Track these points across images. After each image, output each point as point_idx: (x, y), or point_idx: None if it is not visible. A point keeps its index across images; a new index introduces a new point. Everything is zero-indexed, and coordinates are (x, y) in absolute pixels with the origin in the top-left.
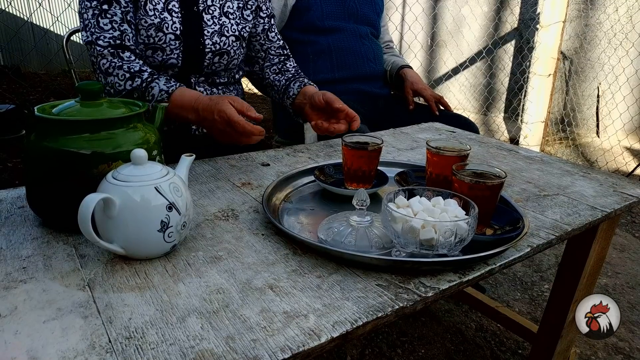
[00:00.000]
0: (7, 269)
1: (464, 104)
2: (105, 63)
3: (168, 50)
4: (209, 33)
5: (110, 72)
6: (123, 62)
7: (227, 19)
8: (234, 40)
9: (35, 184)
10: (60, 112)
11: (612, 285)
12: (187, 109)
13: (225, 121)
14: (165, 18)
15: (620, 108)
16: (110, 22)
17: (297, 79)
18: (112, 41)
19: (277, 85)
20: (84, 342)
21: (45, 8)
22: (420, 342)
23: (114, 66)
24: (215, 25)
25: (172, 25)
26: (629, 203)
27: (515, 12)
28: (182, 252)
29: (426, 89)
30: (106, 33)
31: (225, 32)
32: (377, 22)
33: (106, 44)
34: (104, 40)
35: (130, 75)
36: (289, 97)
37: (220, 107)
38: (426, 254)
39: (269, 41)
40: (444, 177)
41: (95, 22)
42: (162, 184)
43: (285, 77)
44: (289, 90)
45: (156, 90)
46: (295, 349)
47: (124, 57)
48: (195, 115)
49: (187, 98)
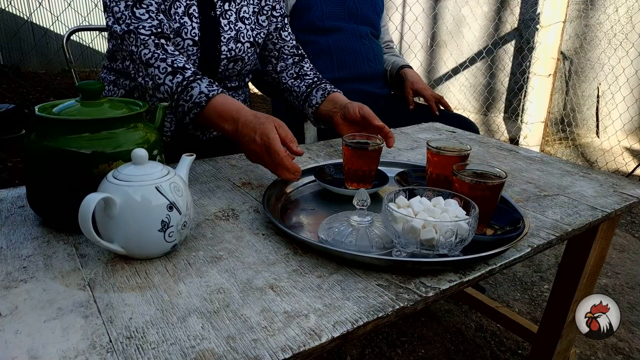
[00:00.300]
0: (7, 268)
1: (464, 104)
2: (147, 53)
3: (185, 55)
4: (225, 39)
5: (152, 63)
6: (167, 55)
7: (243, 25)
8: (249, 46)
9: (35, 184)
10: (61, 111)
11: (612, 286)
12: (226, 119)
13: (265, 146)
14: (185, 23)
15: (620, 108)
16: (147, 12)
17: (319, 85)
18: (154, 29)
19: (297, 91)
20: (85, 341)
21: (45, 7)
22: (420, 342)
23: (156, 57)
24: (231, 31)
25: (192, 30)
26: (629, 203)
27: (515, 12)
28: (183, 252)
29: (426, 88)
30: (145, 22)
31: (241, 38)
32: (377, 22)
33: (149, 32)
34: (146, 29)
35: (173, 70)
36: (310, 105)
37: (264, 130)
38: (427, 254)
39: (282, 40)
40: (444, 177)
41: (131, 13)
42: (162, 183)
43: (305, 83)
44: (311, 98)
45: (196, 91)
46: (296, 348)
47: (167, 49)
48: (232, 127)
49: (229, 107)
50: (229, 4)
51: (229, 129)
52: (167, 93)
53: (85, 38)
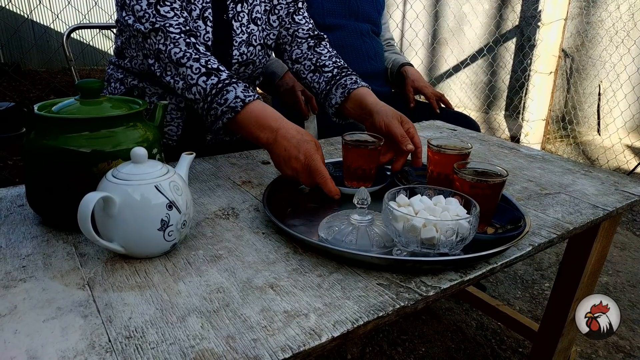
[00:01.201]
0: (6, 267)
1: (465, 101)
2: (178, 52)
3: None
4: (237, 43)
5: (184, 62)
6: (200, 54)
7: (256, 26)
8: (260, 49)
9: (34, 183)
10: (60, 110)
11: (613, 284)
12: (263, 127)
13: (307, 166)
14: (199, 27)
15: (621, 106)
16: (171, 9)
17: (338, 81)
18: (183, 27)
19: (317, 88)
20: (84, 341)
21: (45, 5)
22: (421, 341)
23: (188, 57)
24: (243, 34)
25: (205, 35)
26: (631, 202)
27: (516, 9)
28: (182, 251)
29: (427, 86)
30: (171, 20)
31: (252, 41)
32: (378, 20)
33: (178, 30)
34: (174, 27)
35: (207, 71)
36: (330, 105)
37: (309, 150)
38: (427, 253)
39: (295, 24)
40: (445, 176)
41: (155, 11)
42: (162, 182)
43: (324, 78)
44: (330, 97)
45: (231, 95)
46: (296, 348)
47: (200, 49)
48: (270, 136)
49: (267, 115)
50: (241, 5)
51: (264, 138)
52: (200, 94)
53: (85, 36)
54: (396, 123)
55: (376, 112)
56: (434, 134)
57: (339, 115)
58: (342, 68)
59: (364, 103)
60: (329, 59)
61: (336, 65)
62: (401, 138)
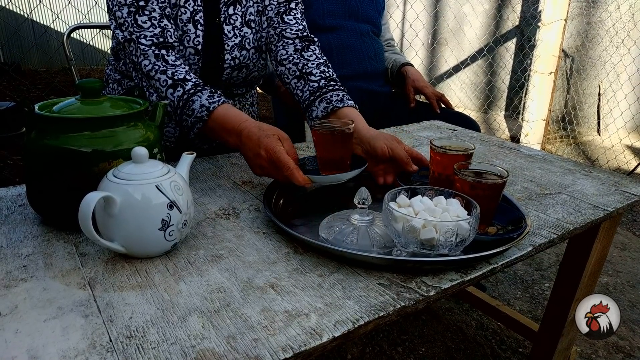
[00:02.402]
0: (7, 267)
1: (465, 102)
2: (148, 65)
3: (187, 64)
4: (229, 47)
5: (152, 75)
6: (167, 66)
7: (249, 29)
8: (254, 52)
9: (35, 182)
10: (61, 109)
11: (613, 284)
12: (229, 131)
13: (271, 160)
14: (188, 30)
15: (621, 106)
16: (149, 19)
17: (324, 95)
18: (155, 39)
19: (300, 95)
20: (85, 341)
21: (45, 5)
22: (421, 341)
23: (156, 70)
24: (236, 38)
25: (195, 38)
26: (631, 202)
27: (516, 9)
28: (183, 251)
29: (427, 86)
30: (146, 31)
31: (246, 44)
32: (378, 21)
33: (149, 43)
34: (147, 39)
35: (173, 82)
36: (310, 117)
37: (269, 143)
38: (427, 254)
39: (283, 23)
40: (447, 177)
41: (133, 21)
42: (163, 182)
43: (309, 88)
44: (312, 109)
45: (197, 104)
46: (297, 348)
47: (168, 60)
48: (236, 140)
49: (231, 119)
50: (234, 8)
51: (232, 142)
52: (172, 107)
53: (86, 36)
54: (398, 146)
55: (373, 138)
56: (434, 134)
57: None
58: (329, 80)
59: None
60: (316, 67)
61: (324, 76)
62: (406, 160)
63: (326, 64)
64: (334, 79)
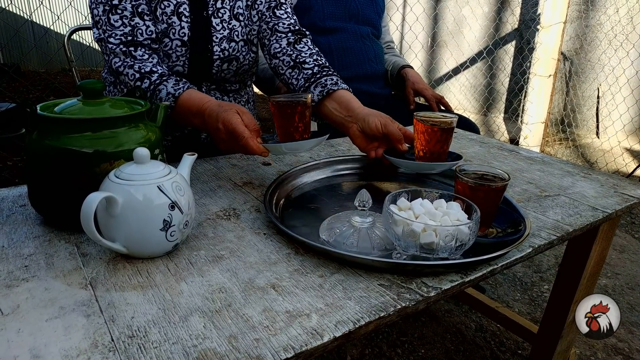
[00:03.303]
0: (9, 267)
1: (464, 104)
2: (117, 62)
3: (174, 57)
4: (217, 39)
5: (121, 71)
6: (135, 61)
7: (238, 22)
8: (243, 45)
9: (37, 183)
10: (63, 110)
11: (612, 286)
12: (194, 113)
13: (229, 132)
14: (173, 23)
15: (620, 109)
16: (120, 18)
17: (319, 80)
18: (124, 38)
19: (295, 84)
20: (87, 340)
21: (45, 6)
22: (420, 342)
23: (125, 65)
24: (224, 30)
25: (180, 30)
26: (630, 204)
27: (515, 12)
28: (184, 251)
29: (427, 89)
30: (117, 30)
31: (234, 36)
32: (378, 23)
33: (117, 42)
34: (115, 38)
35: (140, 75)
36: None
37: (226, 117)
38: (427, 257)
39: (275, 18)
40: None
41: (106, 19)
42: (164, 182)
43: (304, 75)
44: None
45: (163, 93)
46: (298, 348)
47: (136, 55)
48: (200, 120)
49: (195, 101)
50: (222, 2)
51: (198, 123)
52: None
53: (86, 37)
54: (392, 124)
55: (367, 115)
56: None
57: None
58: (323, 67)
59: (350, 107)
60: (309, 56)
61: (317, 63)
62: (398, 136)
63: (319, 54)
64: (327, 66)
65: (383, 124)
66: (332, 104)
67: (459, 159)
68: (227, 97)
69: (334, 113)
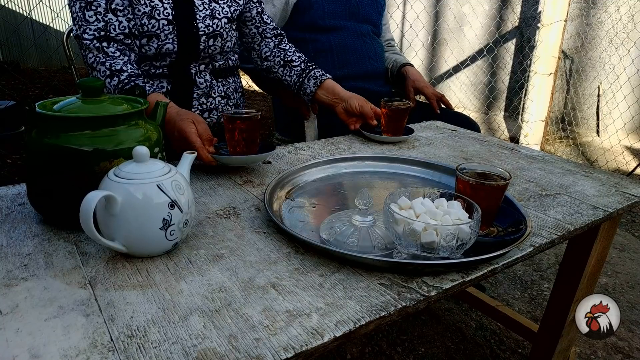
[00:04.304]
0: (7, 266)
1: (464, 102)
2: (91, 57)
3: (162, 35)
4: (201, 17)
5: (94, 66)
6: (106, 58)
7: (217, 4)
8: (226, 22)
9: (36, 181)
10: (62, 108)
11: (612, 285)
12: None
13: (183, 140)
14: (156, 5)
15: (620, 107)
16: (95, 14)
17: (309, 74)
18: (97, 33)
19: (289, 80)
20: (86, 340)
21: (45, 4)
22: (420, 341)
23: (97, 61)
24: (206, 10)
25: (164, 11)
26: (631, 203)
27: (516, 10)
28: (184, 250)
29: (427, 87)
30: (91, 25)
31: (217, 15)
32: (378, 21)
33: (91, 37)
34: (89, 34)
35: (110, 73)
36: (305, 93)
37: (181, 126)
38: (428, 257)
39: (264, 23)
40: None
41: (82, 15)
42: (164, 181)
43: (295, 72)
44: (305, 87)
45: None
46: (298, 348)
47: (108, 52)
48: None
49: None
50: None
51: None
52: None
53: None
54: (366, 104)
55: (349, 97)
56: (434, 134)
57: (312, 101)
58: (307, 62)
59: (336, 91)
60: (293, 54)
61: (302, 60)
62: (370, 115)
63: (298, 50)
64: (309, 60)
65: (360, 105)
66: (321, 91)
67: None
68: (216, 81)
69: (324, 97)
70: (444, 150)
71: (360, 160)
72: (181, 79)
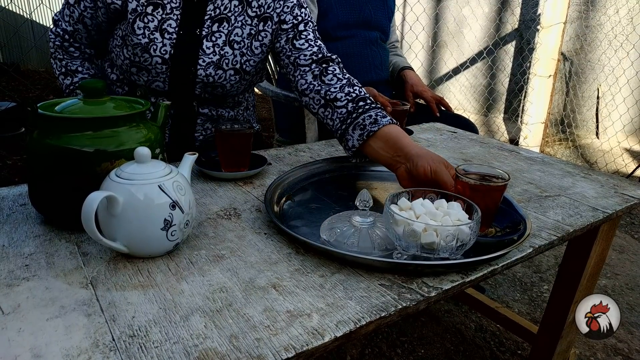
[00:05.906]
0: (9, 266)
1: (464, 104)
2: (52, 47)
3: (154, 72)
4: (204, 63)
5: (54, 57)
6: (65, 55)
7: (231, 49)
8: (232, 74)
9: (37, 182)
10: (63, 109)
11: (612, 287)
12: None
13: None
14: (155, 39)
15: (620, 110)
16: (69, 16)
17: (355, 121)
18: (65, 33)
19: (331, 125)
20: (88, 340)
21: (46, 5)
22: (420, 342)
23: (56, 55)
24: (214, 56)
25: (161, 48)
26: (630, 204)
27: (516, 13)
28: (185, 251)
29: (426, 90)
30: (64, 22)
31: (223, 64)
32: (387, 27)
33: (61, 31)
34: (60, 27)
35: (65, 71)
36: (347, 147)
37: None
38: (428, 257)
39: (296, 50)
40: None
41: (65, 7)
42: (165, 182)
43: (339, 116)
44: (347, 138)
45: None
46: (299, 348)
47: (69, 50)
48: None
49: None
50: (220, 25)
51: None
52: (62, 90)
53: None
54: (443, 170)
55: (417, 156)
56: (434, 136)
57: (358, 155)
58: (357, 101)
59: (399, 146)
60: (340, 90)
61: (350, 99)
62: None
63: (349, 83)
64: (362, 98)
65: (433, 170)
66: (377, 143)
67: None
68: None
69: (381, 153)
70: (444, 151)
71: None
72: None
